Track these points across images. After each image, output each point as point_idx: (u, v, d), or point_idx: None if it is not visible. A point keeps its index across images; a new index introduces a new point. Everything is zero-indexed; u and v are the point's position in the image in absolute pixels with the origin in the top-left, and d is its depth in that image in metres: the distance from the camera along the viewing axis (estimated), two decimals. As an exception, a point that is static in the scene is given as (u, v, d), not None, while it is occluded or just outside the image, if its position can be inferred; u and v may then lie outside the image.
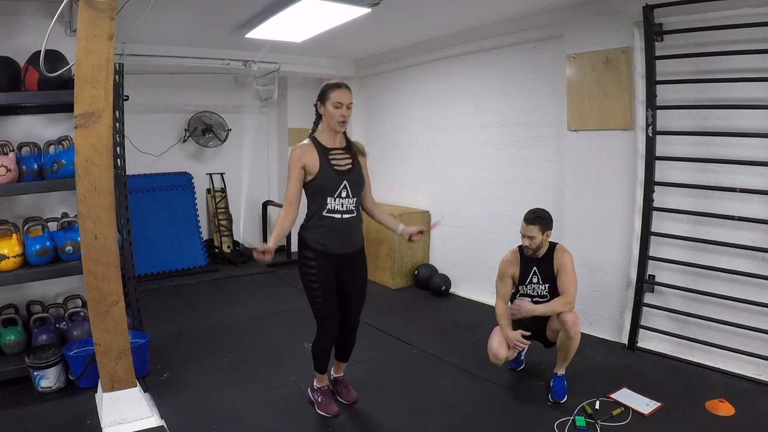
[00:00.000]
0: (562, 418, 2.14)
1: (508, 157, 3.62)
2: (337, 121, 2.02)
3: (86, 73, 2.01)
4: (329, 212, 2.03)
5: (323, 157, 2.02)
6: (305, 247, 2.08)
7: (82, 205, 2.05)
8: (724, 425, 2.08)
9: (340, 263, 2.10)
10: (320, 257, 2.05)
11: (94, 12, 1.98)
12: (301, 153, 2.02)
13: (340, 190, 2.03)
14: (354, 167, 2.08)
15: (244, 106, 5.25)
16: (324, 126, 2.08)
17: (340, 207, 2.03)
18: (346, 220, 2.05)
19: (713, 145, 2.58)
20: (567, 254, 2.38)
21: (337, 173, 2.03)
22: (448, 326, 3.34)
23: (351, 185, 2.05)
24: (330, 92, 2.00)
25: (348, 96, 2.01)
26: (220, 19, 3.23)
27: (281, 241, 5.71)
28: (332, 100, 2.00)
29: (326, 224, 2.04)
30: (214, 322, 3.42)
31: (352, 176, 2.06)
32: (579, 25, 3.01)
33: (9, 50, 2.57)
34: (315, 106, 2.10)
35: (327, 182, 2.01)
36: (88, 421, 2.16)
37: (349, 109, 2.03)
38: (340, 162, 2.05)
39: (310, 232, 2.06)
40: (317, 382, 2.30)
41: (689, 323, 2.70)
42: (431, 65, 4.15)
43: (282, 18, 3.02)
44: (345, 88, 2.02)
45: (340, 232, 2.06)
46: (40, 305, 2.77)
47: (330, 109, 2.00)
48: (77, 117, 2.02)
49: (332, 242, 2.05)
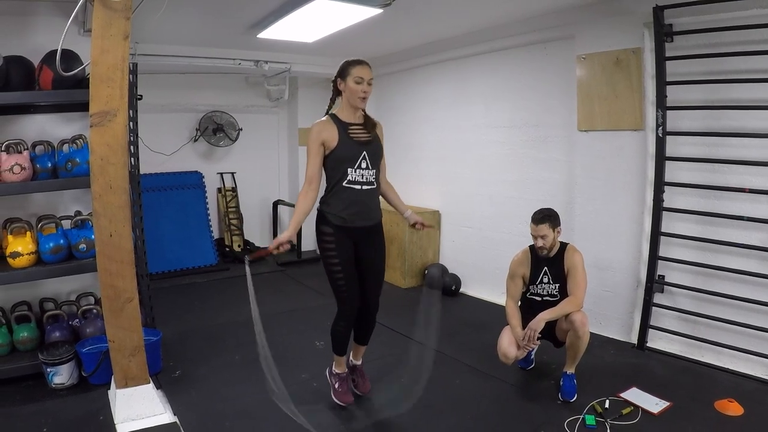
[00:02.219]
0: (572, 416, 2.11)
1: (519, 157, 3.58)
2: (358, 97, 2.00)
3: (102, 73, 1.99)
4: (349, 183, 2.02)
5: (342, 131, 2.01)
6: (324, 223, 2.06)
7: (98, 203, 2.03)
8: (733, 425, 2.05)
9: (358, 237, 2.08)
10: (339, 232, 2.03)
11: (109, 12, 1.96)
12: (320, 129, 2.01)
13: (360, 160, 2.02)
14: (373, 140, 2.08)
15: (254, 106, 5.23)
16: (344, 102, 2.06)
17: (360, 178, 2.02)
18: (366, 191, 2.04)
19: (723, 145, 2.54)
20: (578, 254, 2.35)
21: (357, 144, 2.02)
22: (458, 325, 3.31)
23: (370, 156, 2.04)
24: (351, 68, 2.00)
25: (369, 72, 2.00)
26: (233, 19, 3.21)
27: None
28: (353, 75, 1.98)
29: (346, 195, 2.02)
30: (226, 321, 3.40)
31: (372, 147, 2.05)
32: (589, 25, 2.98)
33: (22, 50, 2.55)
34: (333, 83, 2.08)
35: (347, 153, 2.00)
36: (101, 417, 2.14)
37: (369, 86, 2.02)
38: (359, 135, 2.04)
39: (330, 205, 2.05)
40: (336, 367, 2.28)
41: (699, 323, 2.66)
42: (441, 65, 4.12)
43: (294, 18, 3.00)
44: (366, 64, 2.01)
45: (359, 203, 2.04)
46: (52, 302, 2.76)
47: (351, 85, 1.99)
48: (93, 116, 2.00)
49: (351, 214, 2.03)
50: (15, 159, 2.36)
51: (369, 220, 2.10)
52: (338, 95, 2.09)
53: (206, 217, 4.89)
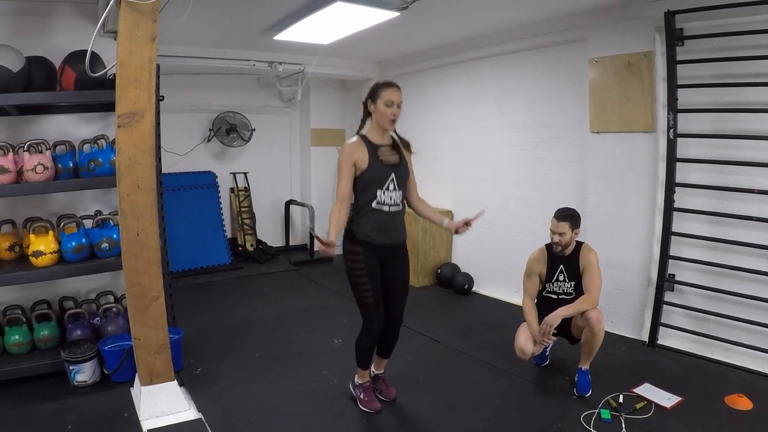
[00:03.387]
0: (588, 411, 2.14)
1: (531, 158, 3.58)
2: (388, 120, 2.04)
3: (129, 74, 2.00)
4: (378, 204, 2.04)
5: (372, 153, 2.04)
6: (353, 242, 2.07)
7: (125, 203, 2.04)
8: (742, 419, 2.09)
9: (384, 256, 2.11)
10: (367, 251, 2.05)
11: (136, 14, 1.96)
12: (351, 150, 2.03)
13: (388, 182, 2.04)
14: (401, 162, 2.10)
15: (267, 107, 5.21)
16: (373, 124, 2.09)
17: (389, 200, 2.05)
18: (393, 213, 2.07)
19: (732, 147, 2.57)
20: (593, 253, 2.37)
21: (386, 166, 2.05)
22: (473, 324, 3.33)
23: (398, 178, 2.07)
24: (381, 91, 2.03)
25: (398, 95, 2.04)
26: (250, 21, 3.21)
27: (297, 240, 5.68)
28: (383, 98, 2.01)
29: (375, 216, 2.04)
30: (243, 319, 3.40)
31: (399, 170, 2.08)
32: (602, 29, 2.99)
33: (42, 50, 2.55)
34: (364, 104, 2.11)
35: (376, 175, 2.02)
36: (125, 414, 2.15)
37: (399, 108, 2.04)
38: (388, 157, 2.07)
39: (359, 224, 2.06)
40: (359, 378, 2.27)
41: (708, 321, 2.69)
42: (455, 67, 4.11)
43: (311, 20, 3.00)
44: (396, 87, 2.05)
45: (387, 224, 2.07)
46: (72, 301, 2.76)
47: (381, 108, 2.02)
48: (120, 116, 2.00)
49: (379, 234, 2.06)
50: (38, 159, 2.36)
51: (395, 240, 2.12)
52: (368, 116, 2.12)
53: (219, 216, 4.89)
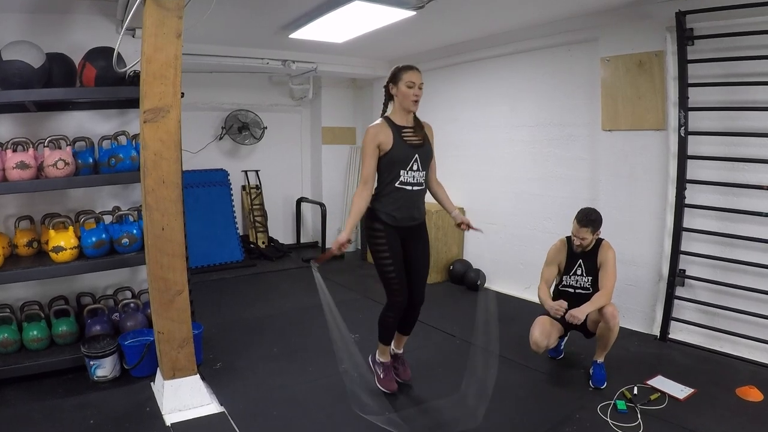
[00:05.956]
0: (604, 402, 2.15)
1: (543, 156, 3.57)
2: (410, 101, 2.04)
3: (155, 70, 1.97)
4: (401, 184, 2.06)
5: (396, 134, 2.05)
6: (375, 220, 2.09)
7: (150, 197, 2.01)
8: (754, 409, 2.11)
9: (405, 234, 2.12)
10: (389, 229, 2.07)
11: (162, 11, 1.94)
12: (376, 131, 2.03)
13: (412, 162, 2.05)
14: (424, 143, 2.11)
15: (278, 105, 5.18)
16: (396, 106, 2.10)
17: (411, 180, 2.06)
18: (416, 191, 2.09)
19: (741, 144, 2.57)
20: (611, 250, 2.38)
21: (410, 147, 2.05)
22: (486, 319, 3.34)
23: (421, 159, 2.08)
24: (402, 73, 2.03)
25: (419, 76, 2.04)
26: (269, 19, 3.17)
27: (308, 237, 5.63)
28: (405, 80, 2.02)
29: (399, 196, 2.06)
30: (259, 314, 3.38)
31: (423, 150, 2.09)
32: (613, 29, 2.98)
33: (62, 47, 2.53)
34: (386, 88, 2.11)
35: (400, 155, 2.03)
36: (147, 408, 2.12)
37: (420, 89, 2.05)
38: (411, 138, 2.08)
39: (382, 203, 2.08)
40: (380, 355, 2.30)
41: (718, 315, 2.68)
42: (467, 66, 4.08)
43: (327, 19, 2.98)
44: (416, 69, 2.05)
45: (409, 203, 2.09)
46: (90, 297, 2.73)
47: (403, 89, 2.03)
48: (146, 112, 1.98)
49: (401, 213, 2.07)
50: (59, 154, 2.33)
51: (416, 219, 2.15)
52: (390, 99, 2.12)
53: (232, 214, 4.85)
